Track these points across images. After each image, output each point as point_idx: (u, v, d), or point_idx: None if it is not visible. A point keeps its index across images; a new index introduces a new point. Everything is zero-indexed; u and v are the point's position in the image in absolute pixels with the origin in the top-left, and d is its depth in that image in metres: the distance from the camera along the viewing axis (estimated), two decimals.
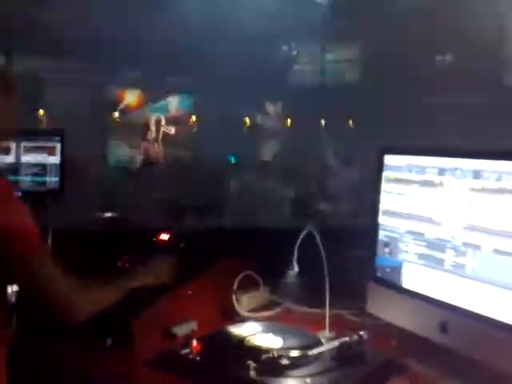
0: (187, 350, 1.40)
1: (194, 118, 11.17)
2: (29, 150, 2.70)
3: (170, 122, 11.20)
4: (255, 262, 1.88)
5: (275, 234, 1.96)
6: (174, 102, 11.38)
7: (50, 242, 1.97)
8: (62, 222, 2.14)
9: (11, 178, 2.61)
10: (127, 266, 1.82)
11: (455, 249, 1.37)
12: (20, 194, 2.60)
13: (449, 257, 1.38)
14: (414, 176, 1.49)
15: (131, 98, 10.70)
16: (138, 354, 1.47)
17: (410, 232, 1.49)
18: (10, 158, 2.65)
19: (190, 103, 11.40)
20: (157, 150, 11.05)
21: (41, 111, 8.53)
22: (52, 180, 2.71)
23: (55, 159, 2.73)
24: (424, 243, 1.45)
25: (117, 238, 2.10)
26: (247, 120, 11.71)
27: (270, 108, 12.53)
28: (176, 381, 1.35)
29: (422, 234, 1.46)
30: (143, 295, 1.61)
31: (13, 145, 2.62)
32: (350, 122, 10.90)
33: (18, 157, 2.68)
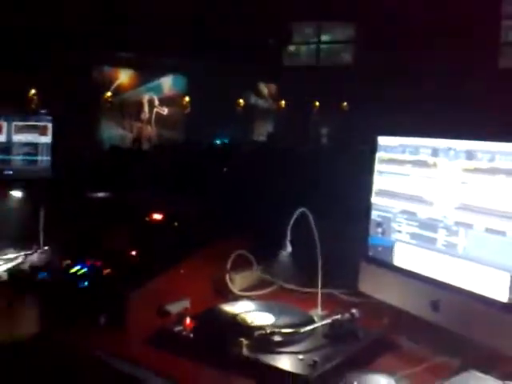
0: (180, 328, 1.42)
1: (187, 98, 11.11)
2: (20, 130, 2.68)
3: (163, 102, 11.13)
4: (249, 241, 1.89)
5: (269, 214, 1.96)
6: (167, 83, 11.29)
7: (42, 220, 1.97)
8: (54, 202, 2.13)
9: (2, 157, 2.60)
10: (123, 245, 1.82)
11: (447, 228, 1.38)
12: (11, 172, 2.59)
13: (441, 236, 1.40)
14: (407, 156, 1.49)
15: (124, 77, 10.61)
16: (132, 331, 1.48)
17: (403, 212, 1.50)
18: (1, 138, 2.64)
19: (184, 83, 11.32)
20: (150, 130, 11.00)
21: (32, 91, 8.45)
22: (44, 159, 2.70)
23: (47, 139, 2.72)
24: (416, 223, 1.46)
25: (111, 217, 2.10)
26: (241, 101, 11.67)
27: (265, 89, 12.47)
28: (170, 358, 1.36)
29: (414, 214, 1.47)
30: (136, 272, 1.62)
31: (4, 124, 2.60)
32: (345, 104, 10.90)
33: (9, 136, 2.66)
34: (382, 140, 1.57)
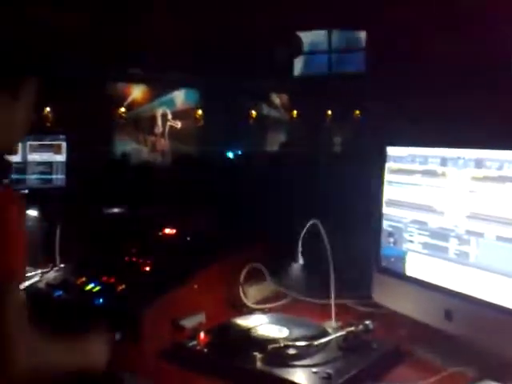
0: (194, 342, 1.43)
1: (200, 111, 11.19)
2: (35, 149, 2.73)
3: (176, 116, 11.23)
4: (261, 254, 1.90)
5: (281, 226, 1.97)
6: (180, 96, 11.39)
7: (58, 238, 1.99)
8: (69, 218, 2.16)
9: (18, 176, 2.65)
10: (133, 259, 1.83)
11: (458, 237, 1.38)
12: (27, 191, 2.64)
13: (452, 245, 1.39)
14: (416, 166, 1.49)
15: (137, 93, 10.73)
16: (147, 346, 1.50)
17: (414, 221, 1.50)
18: (16, 157, 2.69)
19: (197, 97, 11.41)
20: (163, 144, 11.09)
21: (46, 109, 8.58)
22: (58, 178, 2.75)
23: (61, 157, 2.77)
24: (428, 232, 1.46)
25: (124, 233, 2.12)
26: (253, 112, 11.71)
27: (276, 99, 12.51)
28: (184, 373, 1.37)
29: (425, 224, 1.47)
30: (150, 288, 1.63)
31: (19, 144, 2.65)
32: (357, 112, 10.88)
33: (24, 156, 2.71)
34: (391, 150, 1.57)
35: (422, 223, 1.47)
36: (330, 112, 11.38)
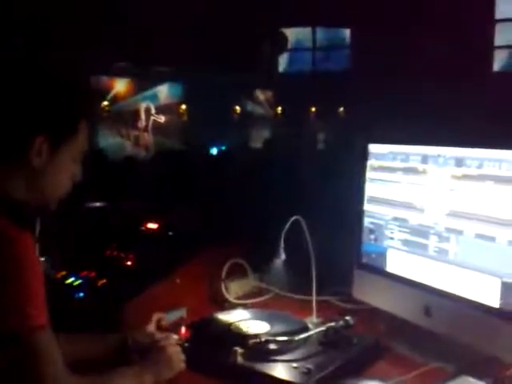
0: (176, 337, 1.42)
1: (183, 106, 11.13)
2: None
3: (159, 110, 11.16)
4: (243, 249, 1.90)
5: (263, 222, 1.98)
6: (163, 91, 11.31)
7: (37, 231, 1.97)
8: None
9: None
10: (115, 254, 1.83)
11: (438, 235, 1.39)
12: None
13: (432, 242, 1.41)
14: (397, 164, 1.51)
15: (120, 86, 10.63)
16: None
17: (395, 219, 1.51)
18: None
19: (180, 92, 11.35)
20: (147, 138, 11.02)
21: None
22: None
23: None
24: (408, 230, 1.47)
25: (105, 227, 2.11)
26: (237, 108, 11.69)
27: (261, 95, 12.50)
28: None
29: (406, 221, 1.48)
30: (132, 283, 1.63)
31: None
32: (342, 109, 10.92)
33: None
34: (373, 147, 1.59)
35: (402, 220, 1.49)
36: (313, 109, 11.42)
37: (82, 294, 1.61)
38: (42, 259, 1.95)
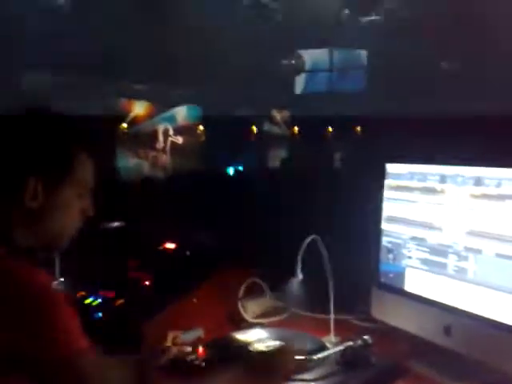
0: (193, 357, 1.42)
1: (201, 127, 11.26)
2: None
3: (177, 131, 11.28)
4: (260, 269, 1.90)
5: (280, 241, 1.98)
6: (181, 112, 11.47)
7: (57, 254, 2.00)
8: None
9: None
10: (133, 274, 1.84)
11: (457, 254, 1.38)
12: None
13: (451, 262, 1.40)
14: (415, 183, 1.51)
15: (139, 109, 10.81)
16: (146, 360, 1.49)
17: (413, 238, 1.51)
18: None
19: (198, 113, 11.48)
20: (164, 159, 11.13)
21: None
22: None
23: None
24: (426, 249, 1.47)
25: (124, 247, 2.13)
26: (254, 128, 11.76)
27: (277, 115, 12.57)
28: None
29: (424, 240, 1.47)
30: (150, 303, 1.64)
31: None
32: (358, 129, 10.93)
33: None
34: (391, 167, 1.59)
35: (420, 239, 1.48)
36: (330, 128, 11.44)
37: (100, 315, 1.62)
38: (62, 280, 1.98)
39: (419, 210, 1.49)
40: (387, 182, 1.58)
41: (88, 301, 1.70)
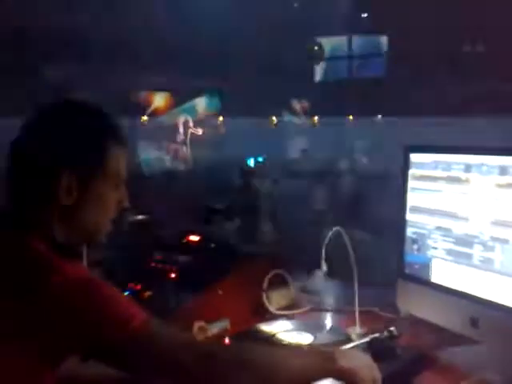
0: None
1: (221, 118, 11.26)
2: None
3: (197, 123, 11.30)
4: (285, 260, 1.91)
5: (305, 233, 1.99)
6: (201, 104, 11.47)
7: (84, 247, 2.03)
8: None
9: None
10: (159, 266, 1.87)
11: (483, 244, 1.37)
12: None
13: (477, 252, 1.39)
14: (440, 173, 1.49)
15: (159, 101, 10.84)
16: None
17: (438, 228, 1.50)
18: None
19: (218, 104, 11.48)
20: (185, 151, 11.17)
21: None
22: None
23: None
24: (452, 239, 1.46)
25: (149, 240, 2.15)
26: (274, 119, 11.73)
27: (297, 105, 12.51)
28: None
29: (449, 230, 1.46)
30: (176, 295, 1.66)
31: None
32: (379, 117, 10.84)
33: None
34: (414, 157, 1.58)
35: (446, 230, 1.47)
36: (351, 117, 11.35)
37: None
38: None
39: (444, 200, 1.48)
40: (411, 171, 1.57)
41: None
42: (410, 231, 1.58)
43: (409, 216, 1.58)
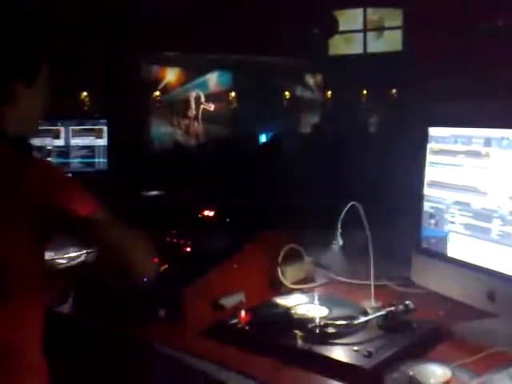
0: (236, 320, 1.46)
1: (233, 93, 11.18)
2: (77, 133, 2.80)
3: (209, 98, 11.25)
4: (300, 234, 1.91)
5: (320, 207, 1.98)
6: (213, 79, 11.40)
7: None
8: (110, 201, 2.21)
9: (61, 160, 2.72)
10: (174, 241, 1.87)
11: (502, 218, 1.36)
12: (70, 175, 2.72)
13: (495, 226, 1.38)
14: (459, 147, 1.47)
15: (171, 76, 10.78)
16: (190, 324, 1.54)
17: (456, 203, 1.48)
18: (59, 142, 2.77)
19: (229, 79, 11.39)
20: (197, 127, 11.15)
21: (83, 93, 8.70)
22: (100, 161, 2.82)
23: (103, 141, 2.83)
24: (470, 213, 1.44)
25: (164, 215, 2.16)
26: (287, 93, 11.64)
27: (310, 80, 12.39)
28: (225, 350, 1.40)
29: (468, 205, 1.45)
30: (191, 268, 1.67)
31: (62, 129, 2.73)
32: (394, 91, 10.70)
33: (67, 140, 2.80)
34: (433, 130, 1.56)
35: (464, 204, 1.46)
36: (365, 91, 11.23)
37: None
38: None
39: (463, 174, 1.46)
40: (430, 145, 1.56)
41: None
42: (427, 206, 1.57)
43: (426, 191, 1.57)
